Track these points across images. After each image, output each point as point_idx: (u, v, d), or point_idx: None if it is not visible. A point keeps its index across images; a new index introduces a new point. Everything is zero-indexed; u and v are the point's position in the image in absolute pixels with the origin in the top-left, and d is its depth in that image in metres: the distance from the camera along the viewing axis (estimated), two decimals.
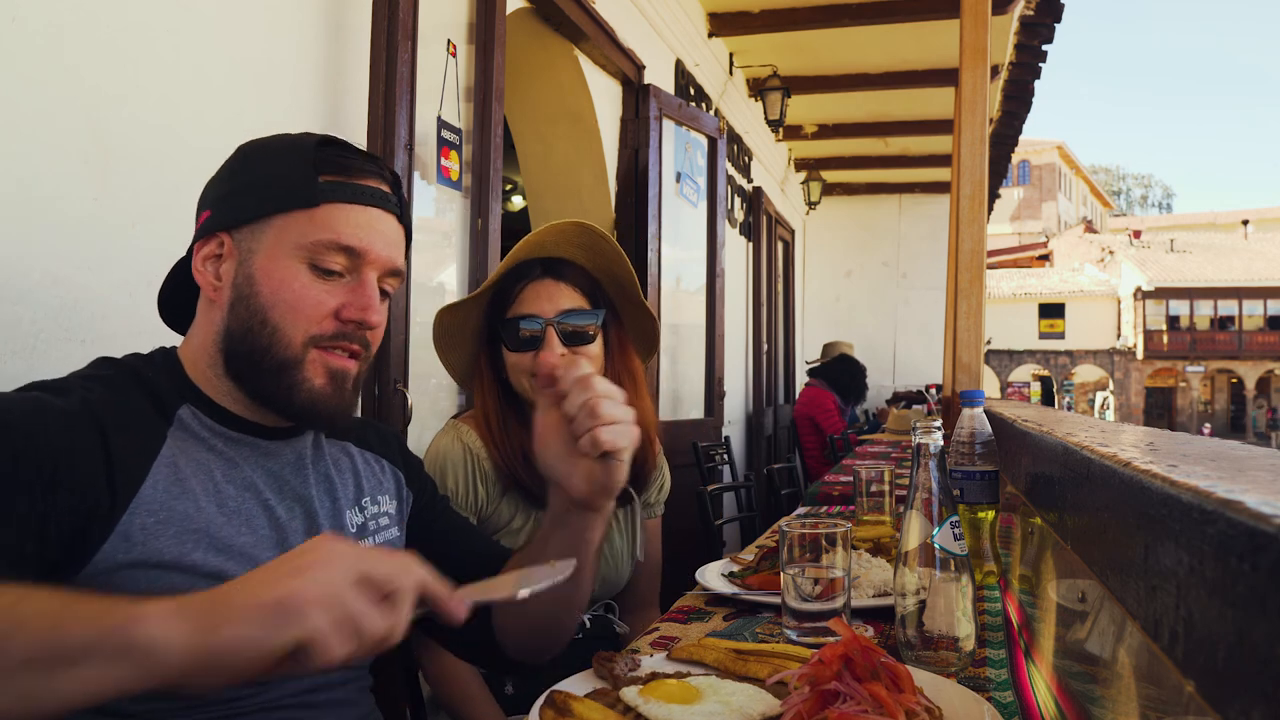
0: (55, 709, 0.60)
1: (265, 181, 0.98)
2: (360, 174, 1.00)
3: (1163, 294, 32.54)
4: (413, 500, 1.19)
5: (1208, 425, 32.68)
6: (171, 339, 1.08)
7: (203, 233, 1.00)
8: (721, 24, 4.92)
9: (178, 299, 1.08)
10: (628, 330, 1.66)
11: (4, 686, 0.58)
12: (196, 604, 0.64)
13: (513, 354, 1.53)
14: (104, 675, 0.60)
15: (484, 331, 1.58)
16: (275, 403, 0.99)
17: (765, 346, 6.79)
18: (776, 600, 1.26)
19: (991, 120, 6.22)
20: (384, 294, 1.03)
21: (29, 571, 0.79)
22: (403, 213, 1.05)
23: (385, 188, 1.03)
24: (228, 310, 0.98)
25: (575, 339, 1.52)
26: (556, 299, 1.52)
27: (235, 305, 0.98)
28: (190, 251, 1.02)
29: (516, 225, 4.90)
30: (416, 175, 2.13)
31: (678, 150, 4.26)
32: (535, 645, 1.15)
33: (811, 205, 8.22)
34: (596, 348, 1.55)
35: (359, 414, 1.95)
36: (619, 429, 0.95)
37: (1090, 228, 43.70)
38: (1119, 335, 33.38)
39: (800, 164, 8.10)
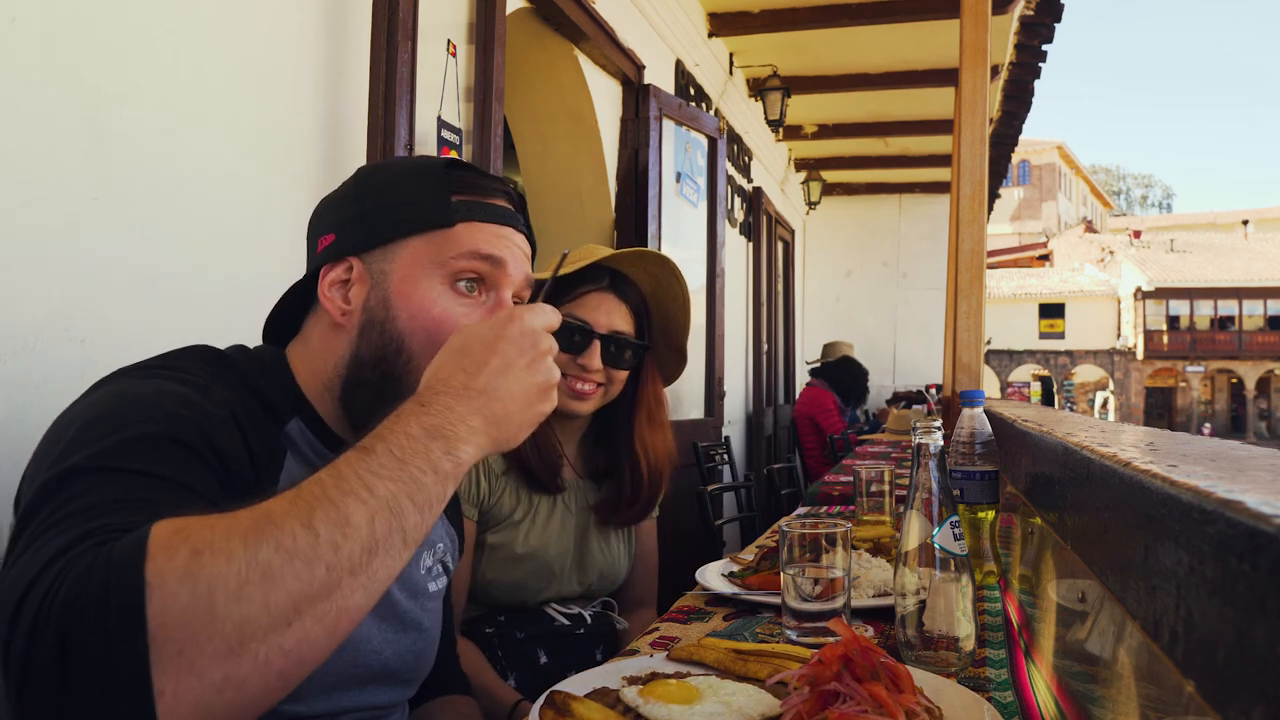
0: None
1: (398, 203, 0.96)
2: (490, 193, 0.99)
3: (1163, 294, 32.53)
4: (451, 555, 1.19)
5: (1208, 425, 32.67)
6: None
7: (329, 256, 0.96)
8: (721, 24, 4.92)
9: (278, 318, 1.05)
10: (659, 358, 1.72)
11: (411, 533, 0.69)
12: (487, 422, 0.76)
13: None
14: (447, 493, 0.73)
15: None
16: None
17: (765, 346, 6.79)
18: (776, 600, 1.26)
19: (991, 120, 6.22)
20: None
21: None
22: (529, 233, 1.04)
23: (512, 206, 1.01)
24: (358, 335, 0.95)
25: (615, 360, 1.58)
26: (613, 316, 1.58)
27: (367, 330, 0.94)
28: (315, 275, 0.98)
29: None
30: None
31: (678, 150, 4.26)
32: None
33: (811, 205, 8.22)
34: (627, 372, 1.61)
35: None
36: None
37: (1090, 228, 43.70)
38: (1119, 335, 33.38)
39: (800, 164, 8.10)
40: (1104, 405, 31.88)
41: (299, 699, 0.90)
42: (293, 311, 1.02)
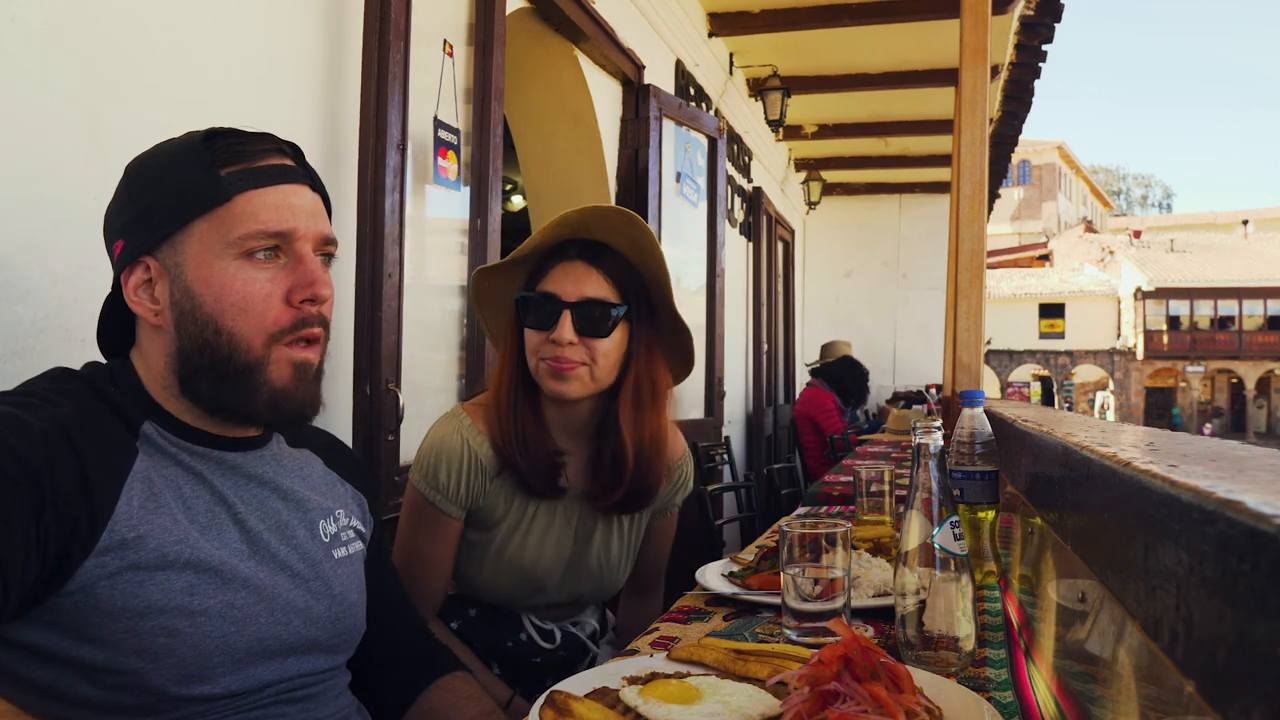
0: None
1: (169, 193, 0.96)
2: (259, 155, 0.98)
3: (1163, 294, 32.52)
4: (372, 528, 1.20)
5: (1208, 425, 32.66)
6: None
7: (124, 262, 0.97)
8: (721, 24, 4.92)
9: (110, 330, 1.06)
10: (665, 342, 1.54)
11: None
12: None
13: (527, 329, 1.45)
14: None
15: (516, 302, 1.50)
16: (240, 410, 0.98)
17: (765, 346, 6.79)
18: (776, 600, 1.26)
19: (991, 120, 6.22)
20: (327, 260, 1.02)
21: (24, 589, 0.80)
22: (314, 180, 1.03)
23: (288, 161, 1.01)
24: (175, 330, 0.96)
25: (589, 329, 1.42)
26: (582, 283, 1.43)
27: (181, 322, 0.96)
28: (116, 286, 1.00)
29: (517, 225, 4.90)
30: (413, 175, 2.13)
31: (678, 150, 4.26)
32: None
33: (811, 205, 8.23)
34: (611, 344, 1.44)
35: (351, 418, 1.96)
36: None
37: (1090, 228, 43.69)
38: (1119, 335, 33.37)
39: (800, 164, 8.10)
40: (1104, 405, 31.87)
41: (204, 679, 0.90)
42: (126, 322, 1.03)
